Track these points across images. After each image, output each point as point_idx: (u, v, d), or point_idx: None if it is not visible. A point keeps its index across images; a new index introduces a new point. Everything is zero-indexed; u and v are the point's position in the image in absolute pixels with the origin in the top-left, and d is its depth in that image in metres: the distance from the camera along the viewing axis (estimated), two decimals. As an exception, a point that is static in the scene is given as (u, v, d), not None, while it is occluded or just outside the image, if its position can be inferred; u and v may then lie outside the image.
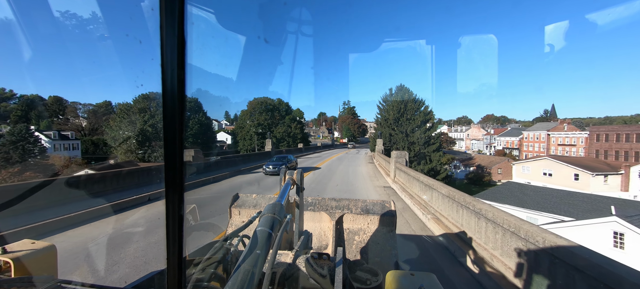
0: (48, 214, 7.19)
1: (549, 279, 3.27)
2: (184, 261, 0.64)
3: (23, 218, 6.80)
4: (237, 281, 0.77)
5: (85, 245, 5.90)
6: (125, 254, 5.37)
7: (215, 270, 1.21)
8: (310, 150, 50.24)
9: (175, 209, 0.60)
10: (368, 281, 1.48)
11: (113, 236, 6.51)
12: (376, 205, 3.02)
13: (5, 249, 1.57)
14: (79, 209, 7.71)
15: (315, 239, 2.95)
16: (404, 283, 1.28)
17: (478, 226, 5.27)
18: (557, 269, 3.14)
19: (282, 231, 1.11)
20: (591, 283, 2.70)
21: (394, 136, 41.27)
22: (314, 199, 3.22)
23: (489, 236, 4.83)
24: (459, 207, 6.25)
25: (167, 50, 0.54)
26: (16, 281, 1.30)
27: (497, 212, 4.69)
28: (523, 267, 3.84)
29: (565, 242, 3.18)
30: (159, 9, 0.53)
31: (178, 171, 0.58)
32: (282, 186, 1.81)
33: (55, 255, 1.80)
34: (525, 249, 3.76)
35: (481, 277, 4.55)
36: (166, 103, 0.56)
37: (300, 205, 1.98)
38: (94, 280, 4.57)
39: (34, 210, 7.59)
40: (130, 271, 4.76)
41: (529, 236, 3.66)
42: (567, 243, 3.15)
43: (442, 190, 7.46)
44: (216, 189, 12.69)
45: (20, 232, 6.12)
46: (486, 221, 4.94)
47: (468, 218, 5.75)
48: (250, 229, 1.25)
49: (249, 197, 3.35)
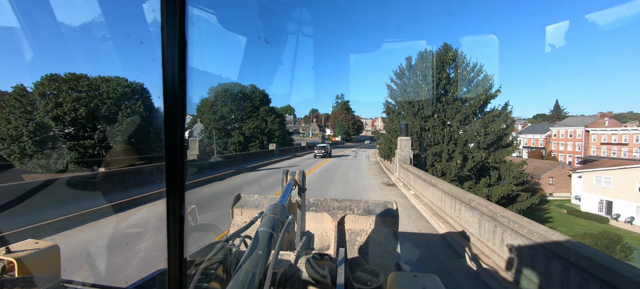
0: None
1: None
2: (185, 262, 0.64)
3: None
4: (239, 281, 0.77)
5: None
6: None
7: (216, 271, 1.22)
8: (284, 155, 32.88)
9: (176, 209, 0.60)
10: (369, 281, 1.48)
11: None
12: (378, 206, 3.02)
13: (9, 249, 1.59)
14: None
15: (317, 240, 2.95)
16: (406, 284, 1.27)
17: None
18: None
19: (283, 231, 1.11)
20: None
21: (429, 131, 21.61)
22: (316, 200, 3.22)
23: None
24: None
25: (168, 51, 0.54)
26: (20, 281, 1.31)
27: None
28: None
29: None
30: (160, 9, 0.53)
31: (179, 172, 0.59)
32: (284, 186, 1.81)
33: (58, 255, 1.81)
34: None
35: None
36: (167, 104, 0.56)
37: (302, 206, 1.98)
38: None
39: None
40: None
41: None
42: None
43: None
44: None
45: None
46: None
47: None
48: (252, 229, 1.25)
49: (251, 198, 3.36)
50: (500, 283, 4.53)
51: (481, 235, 5.74)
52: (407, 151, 16.03)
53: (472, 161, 19.95)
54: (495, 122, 20.21)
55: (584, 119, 58.28)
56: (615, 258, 2.91)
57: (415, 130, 21.78)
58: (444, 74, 22.08)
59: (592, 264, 2.91)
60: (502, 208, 5.28)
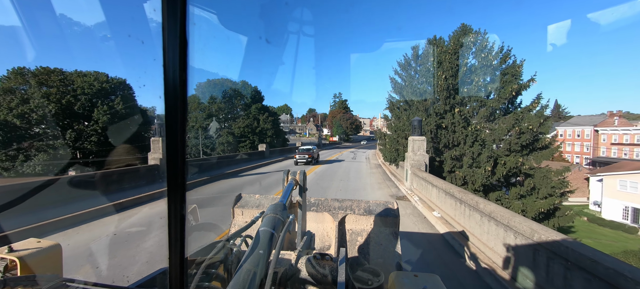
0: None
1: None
2: (186, 261, 0.64)
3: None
4: (240, 281, 0.77)
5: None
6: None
7: (218, 270, 1.22)
8: (275, 156, 28.64)
9: (177, 209, 0.60)
10: (369, 281, 1.48)
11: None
12: (379, 206, 3.02)
13: (11, 248, 1.60)
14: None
15: (317, 239, 2.95)
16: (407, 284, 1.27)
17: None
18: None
19: (284, 231, 1.11)
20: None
21: (447, 129, 17.29)
22: (317, 199, 3.23)
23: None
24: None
25: (169, 51, 0.54)
26: (22, 280, 1.31)
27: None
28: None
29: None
30: (161, 9, 0.53)
31: (180, 171, 0.59)
32: (284, 186, 1.81)
33: (61, 254, 1.82)
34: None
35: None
36: (168, 104, 0.56)
37: (303, 206, 1.98)
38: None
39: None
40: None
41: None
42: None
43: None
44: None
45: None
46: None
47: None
48: (253, 229, 1.26)
49: (252, 197, 3.36)
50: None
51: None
52: (421, 155, 12.74)
53: (504, 168, 15.49)
54: (531, 118, 15.37)
55: (593, 118, 54.56)
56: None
57: (429, 127, 17.48)
58: (465, 60, 17.71)
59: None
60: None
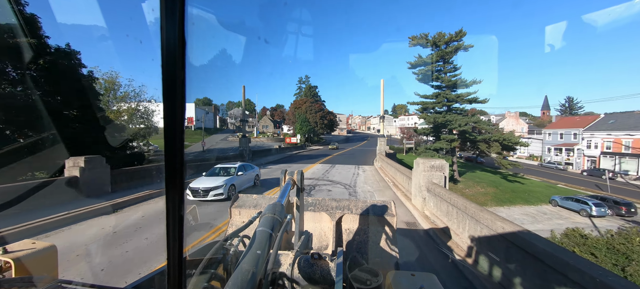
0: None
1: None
2: (184, 261, 0.64)
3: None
4: (237, 281, 0.77)
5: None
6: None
7: (216, 270, 1.22)
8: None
9: (176, 209, 0.60)
10: (368, 281, 1.48)
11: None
12: (376, 206, 3.02)
13: (6, 249, 1.58)
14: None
15: (315, 239, 2.95)
16: (405, 283, 1.28)
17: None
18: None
19: (282, 231, 1.11)
20: None
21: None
22: (314, 199, 3.22)
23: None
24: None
25: (168, 51, 0.54)
26: (17, 281, 1.30)
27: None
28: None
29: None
30: (160, 9, 0.53)
31: (178, 172, 0.59)
32: (282, 186, 1.81)
33: (56, 255, 1.80)
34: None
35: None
36: (167, 104, 0.56)
37: (300, 206, 1.98)
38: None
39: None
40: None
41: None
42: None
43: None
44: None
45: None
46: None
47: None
48: (251, 229, 1.25)
49: (250, 197, 3.35)
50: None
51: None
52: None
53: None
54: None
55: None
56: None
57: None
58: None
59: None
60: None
